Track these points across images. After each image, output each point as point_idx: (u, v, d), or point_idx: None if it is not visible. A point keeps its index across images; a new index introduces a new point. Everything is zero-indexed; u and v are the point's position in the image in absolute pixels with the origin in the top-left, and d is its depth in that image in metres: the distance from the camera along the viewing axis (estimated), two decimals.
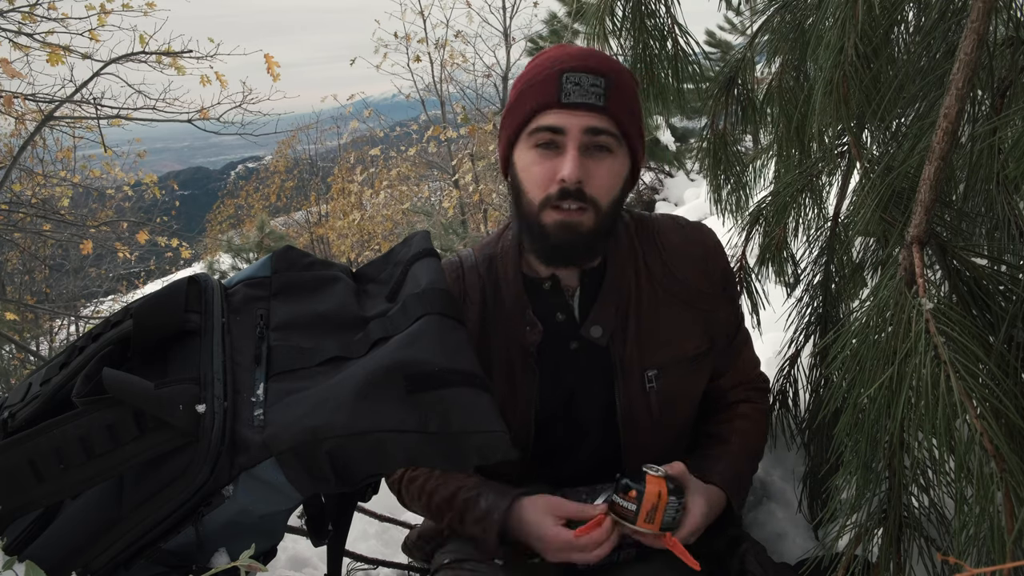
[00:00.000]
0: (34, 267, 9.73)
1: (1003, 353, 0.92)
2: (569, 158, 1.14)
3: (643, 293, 1.27)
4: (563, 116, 1.15)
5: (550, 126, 1.16)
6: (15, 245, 7.81)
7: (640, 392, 1.25)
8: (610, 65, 1.19)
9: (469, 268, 1.31)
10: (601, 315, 1.25)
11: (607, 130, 1.16)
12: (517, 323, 1.26)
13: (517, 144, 1.22)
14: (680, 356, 1.27)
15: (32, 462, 0.85)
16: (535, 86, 1.18)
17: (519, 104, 1.20)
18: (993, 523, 0.78)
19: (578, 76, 1.15)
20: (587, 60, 1.17)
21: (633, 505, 1.10)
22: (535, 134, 1.17)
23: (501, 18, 10.87)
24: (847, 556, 0.99)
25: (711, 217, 1.89)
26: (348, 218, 12.63)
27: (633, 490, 1.10)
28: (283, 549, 1.89)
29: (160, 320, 0.99)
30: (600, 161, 1.17)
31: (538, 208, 1.18)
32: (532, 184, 1.18)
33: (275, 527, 1.01)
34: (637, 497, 1.10)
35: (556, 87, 1.15)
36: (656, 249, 1.30)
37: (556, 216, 1.17)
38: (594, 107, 1.15)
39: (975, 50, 0.85)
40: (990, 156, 0.97)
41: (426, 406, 0.93)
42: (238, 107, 6.12)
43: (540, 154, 1.17)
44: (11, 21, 4.87)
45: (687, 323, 1.28)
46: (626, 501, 1.11)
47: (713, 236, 1.35)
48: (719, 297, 1.32)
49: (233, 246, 10.00)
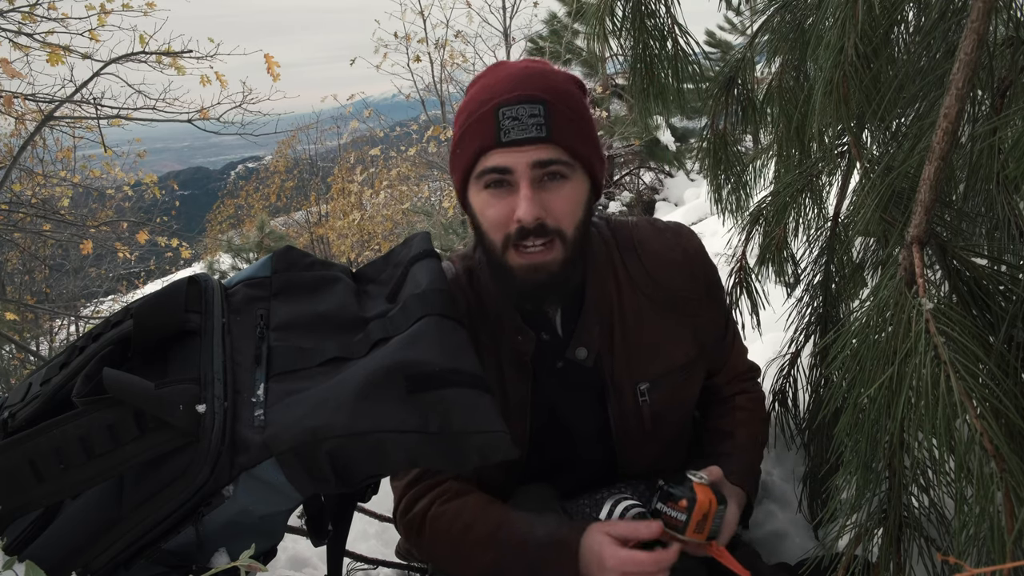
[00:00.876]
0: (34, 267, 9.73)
1: (1003, 353, 0.92)
2: (522, 197, 1.08)
3: (626, 306, 1.24)
4: (507, 156, 1.08)
5: (495, 167, 1.10)
6: (15, 245, 7.80)
7: (633, 406, 1.24)
8: (547, 84, 1.11)
9: (451, 280, 1.25)
10: (585, 337, 1.22)
11: (556, 159, 1.09)
12: (507, 332, 1.23)
13: (468, 186, 1.16)
14: (671, 366, 1.25)
15: (32, 462, 0.85)
16: (473, 125, 1.12)
17: (462, 145, 1.14)
18: (993, 523, 0.78)
19: (514, 109, 1.08)
20: (523, 87, 1.09)
21: (683, 515, 1.05)
22: (483, 176, 1.12)
23: (501, 18, 10.87)
24: (847, 556, 0.99)
25: (711, 217, 1.89)
26: (348, 218, 12.63)
27: (683, 499, 1.05)
28: (283, 549, 1.89)
29: (160, 320, 0.99)
30: (556, 191, 1.11)
31: (501, 248, 1.13)
32: (491, 226, 1.13)
33: (275, 527, 1.01)
34: (688, 507, 1.05)
35: (493, 126, 1.08)
36: (636, 258, 1.26)
37: (521, 260, 1.12)
38: (537, 140, 1.08)
39: (975, 50, 0.85)
40: (990, 156, 0.97)
41: (427, 406, 0.93)
42: (238, 107, 6.11)
43: (492, 194, 1.12)
44: (11, 21, 4.87)
45: (674, 331, 1.26)
46: (675, 511, 1.06)
47: (694, 238, 1.32)
48: (703, 300, 1.29)
49: (233, 246, 10.00)
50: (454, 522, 1.17)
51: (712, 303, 1.31)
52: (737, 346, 1.42)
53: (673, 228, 1.32)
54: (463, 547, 1.15)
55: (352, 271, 1.20)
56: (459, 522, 1.16)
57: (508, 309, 1.23)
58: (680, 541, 1.07)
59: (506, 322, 1.23)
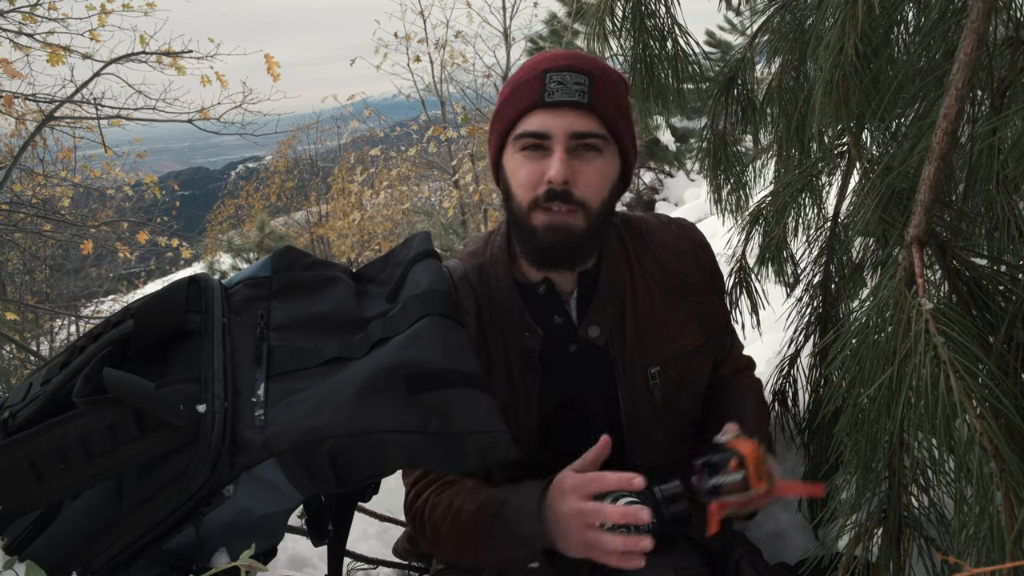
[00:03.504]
0: (34, 267, 9.74)
1: (1003, 353, 0.92)
2: (556, 159, 1.13)
3: (638, 291, 1.27)
4: (547, 118, 1.15)
5: (535, 131, 1.15)
6: (15, 245, 7.81)
7: (644, 389, 1.26)
8: (595, 64, 1.18)
9: (460, 279, 1.29)
10: (598, 315, 1.25)
11: (594, 132, 1.15)
12: (515, 329, 1.25)
13: (505, 149, 1.22)
14: (680, 350, 1.28)
15: (32, 462, 0.85)
16: (519, 88, 1.18)
17: (505, 108, 1.20)
18: (993, 523, 0.78)
19: (561, 75, 1.15)
20: (571, 60, 1.17)
21: (741, 473, 1.04)
22: (521, 139, 1.17)
23: (501, 18, 10.88)
24: (847, 556, 0.99)
25: (711, 217, 1.89)
26: (348, 218, 12.63)
27: (732, 459, 1.04)
28: (283, 549, 1.89)
29: (160, 320, 0.99)
30: (588, 162, 1.16)
31: (527, 210, 1.18)
32: (520, 187, 1.18)
33: (275, 527, 1.01)
34: (740, 463, 1.04)
35: (540, 87, 1.15)
36: (646, 246, 1.31)
37: (545, 218, 1.16)
38: (579, 105, 1.14)
39: (975, 50, 0.85)
40: (990, 156, 0.97)
41: (427, 406, 0.93)
42: (238, 107, 6.13)
43: (527, 156, 1.17)
44: (11, 21, 4.88)
45: (683, 316, 1.29)
46: (732, 475, 1.04)
47: (699, 231, 1.37)
48: (710, 290, 1.34)
49: (233, 246, 10.01)
50: (448, 508, 1.18)
51: (716, 293, 1.36)
52: (736, 341, 1.46)
53: (678, 221, 1.38)
54: (457, 529, 1.16)
55: (352, 271, 1.20)
56: (452, 507, 1.18)
57: (517, 306, 1.25)
58: (748, 501, 1.05)
59: (515, 318, 1.25)
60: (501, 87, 1.27)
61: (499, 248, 1.30)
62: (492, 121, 1.25)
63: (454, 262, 1.33)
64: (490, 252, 1.31)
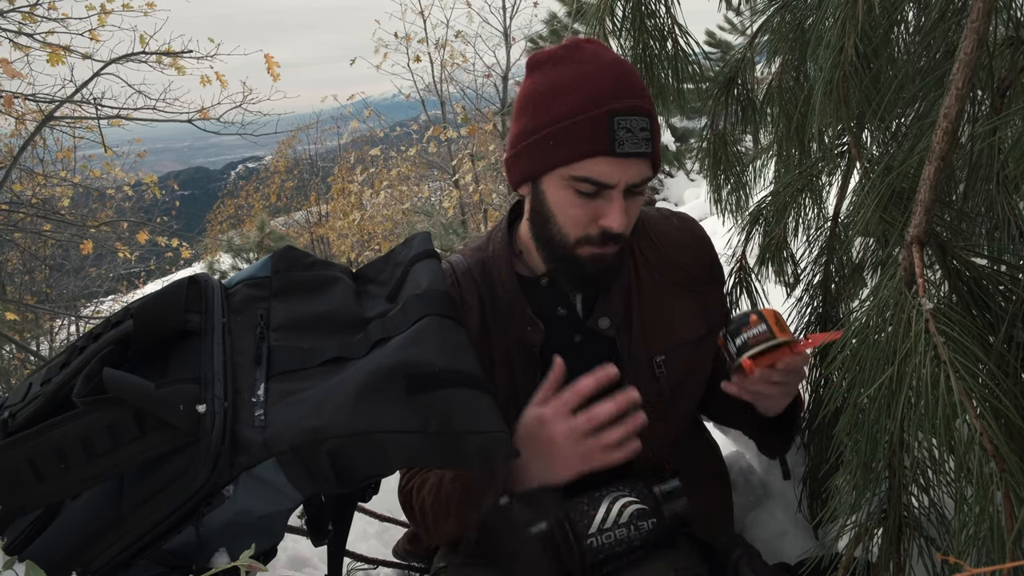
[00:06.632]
0: (34, 267, 9.74)
1: (1003, 353, 0.92)
2: (617, 209, 1.12)
3: (643, 282, 1.29)
4: (614, 168, 1.11)
5: (600, 181, 1.11)
6: (15, 245, 7.81)
7: (651, 380, 1.26)
8: (645, 93, 1.16)
9: (463, 274, 1.29)
10: (608, 308, 1.26)
11: (648, 178, 1.16)
12: (517, 324, 1.26)
13: (549, 175, 1.16)
14: (683, 340, 1.29)
15: (32, 462, 0.85)
16: (581, 125, 1.11)
17: (561, 141, 1.12)
18: (993, 523, 0.78)
19: (628, 121, 1.10)
20: (632, 95, 1.12)
21: (762, 324, 1.09)
22: (581, 182, 1.12)
23: (501, 18, 10.88)
24: (847, 556, 0.99)
25: (711, 217, 1.89)
26: (348, 218, 12.64)
27: (751, 315, 1.10)
28: (283, 549, 1.89)
29: (160, 320, 0.99)
30: (633, 203, 1.17)
31: (573, 243, 1.18)
32: (569, 221, 1.16)
33: (275, 527, 1.01)
34: (760, 317, 1.09)
35: (606, 131, 1.09)
36: (650, 239, 1.33)
37: (593, 252, 1.17)
38: (644, 155, 1.13)
39: (975, 50, 0.85)
40: (990, 156, 0.97)
41: (427, 407, 0.93)
42: (238, 107, 6.13)
43: (581, 196, 1.14)
44: (11, 21, 4.88)
45: (686, 307, 1.31)
46: (755, 328, 1.09)
47: (699, 225, 1.40)
48: (711, 281, 1.36)
49: (233, 246, 10.01)
50: (434, 483, 1.21)
51: (717, 285, 1.38)
52: None
53: (679, 215, 1.40)
54: (439, 501, 1.19)
55: (352, 271, 1.21)
56: (435, 484, 1.21)
57: (518, 300, 1.26)
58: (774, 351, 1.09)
59: (517, 314, 1.25)
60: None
61: (501, 243, 1.30)
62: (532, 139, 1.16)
63: (457, 257, 1.34)
64: (492, 247, 1.31)
